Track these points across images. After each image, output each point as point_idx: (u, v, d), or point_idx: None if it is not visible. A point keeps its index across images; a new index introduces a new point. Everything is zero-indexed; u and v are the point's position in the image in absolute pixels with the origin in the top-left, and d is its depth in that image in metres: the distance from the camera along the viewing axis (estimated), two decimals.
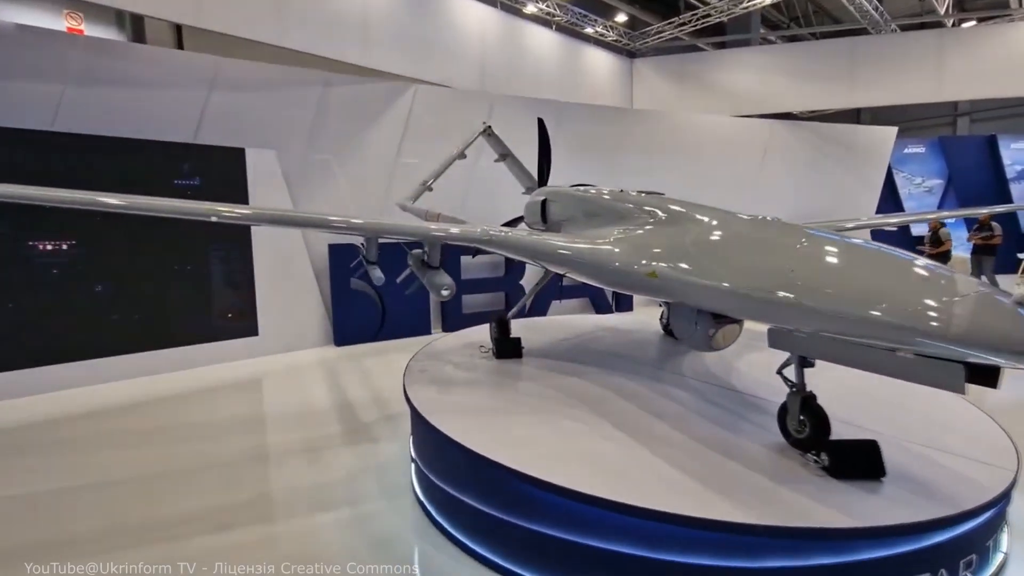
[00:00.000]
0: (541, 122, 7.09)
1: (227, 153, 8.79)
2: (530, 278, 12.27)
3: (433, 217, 6.65)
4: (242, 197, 8.81)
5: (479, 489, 3.29)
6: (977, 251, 13.12)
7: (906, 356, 2.53)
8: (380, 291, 10.32)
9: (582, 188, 5.69)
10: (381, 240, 5.36)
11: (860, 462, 2.97)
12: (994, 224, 12.64)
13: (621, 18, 15.72)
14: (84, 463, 5.05)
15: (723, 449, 3.28)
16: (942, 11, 17.59)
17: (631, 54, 16.99)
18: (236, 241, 8.91)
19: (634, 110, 14.36)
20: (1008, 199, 19.12)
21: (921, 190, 20.48)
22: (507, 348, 5.11)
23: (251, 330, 9.07)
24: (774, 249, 3.09)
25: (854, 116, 26.74)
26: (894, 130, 16.44)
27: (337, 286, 9.75)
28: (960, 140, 21.35)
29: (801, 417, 3.23)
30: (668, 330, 6.19)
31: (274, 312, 9.24)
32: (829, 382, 3.28)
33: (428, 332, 10.72)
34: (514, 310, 5.52)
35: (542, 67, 14.68)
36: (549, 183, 7.14)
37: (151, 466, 4.89)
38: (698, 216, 3.79)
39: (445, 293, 4.48)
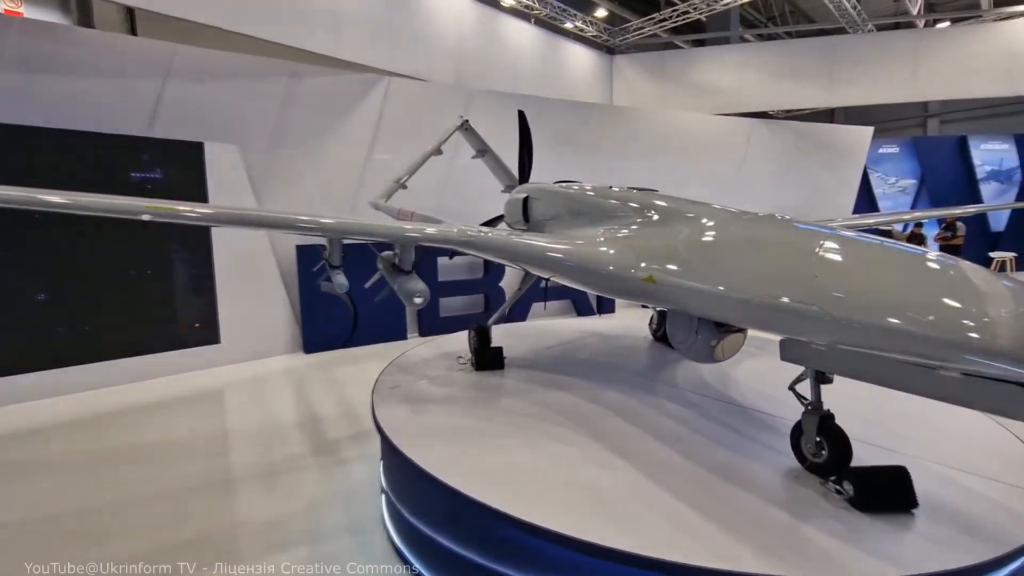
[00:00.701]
0: (522, 115, 6.68)
1: (184, 147, 8.16)
2: (511, 280, 11.87)
3: (407, 216, 6.19)
4: (201, 195, 8.20)
5: (459, 532, 2.87)
6: (941, 251, 13.23)
7: (951, 375, 2.19)
8: (352, 295, 9.88)
9: (565, 185, 5.31)
10: (347, 241, 4.87)
11: (888, 492, 2.64)
12: (959, 224, 12.72)
13: (601, 13, 15.44)
14: (8, 494, 4.46)
15: (733, 477, 2.92)
16: (915, 11, 17.77)
17: (611, 50, 16.72)
18: (195, 242, 8.29)
19: (615, 107, 14.09)
20: (978, 199, 19.46)
21: (895, 190, 20.73)
22: (487, 359, 4.69)
23: (212, 338, 8.46)
24: (793, 252, 2.73)
25: (828, 116, 27.06)
26: (870, 130, 16.51)
27: (306, 289, 9.20)
28: (932, 141, 21.68)
29: (818, 439, 2.90)
30: (658, 336, 5.86)
31: (237, 318, 8.65)
32: (841, 396, 2.95)
33: (404, 337, 10.24)
34: (495, 317, 5.10)
35: (520, 62, 14.28)
36: (530, 180, 6.74)
37: (87, 497, 4.34)
38: (701, 215, 3.42)
39: (418, 301, 4.03)
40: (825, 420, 2.91)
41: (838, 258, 2.57)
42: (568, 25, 15.02)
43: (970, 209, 13.07)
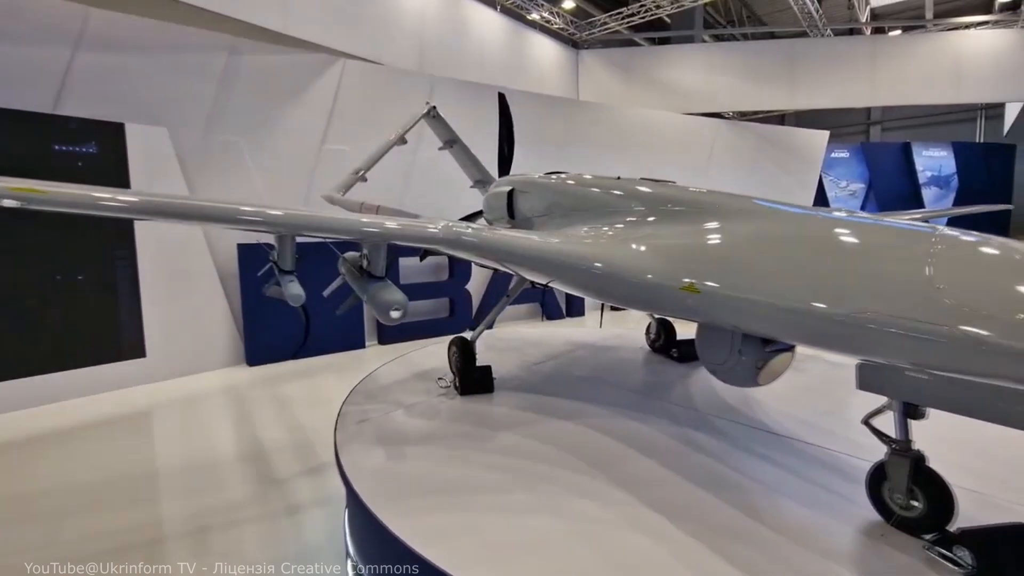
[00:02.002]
0: (503, 99, 5.97)
1: (99, 128, 6.97)
2: (479, 282, 11.12)
3: (370, 211, 5.35)
4: (122, 185, 7.03)
5: None
6: None
7: None
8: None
9: (555, 177, 4.64)
10: (303, 239, 4.00)
11: (1017, 558, 2.09)
12: None
13: (568, 4, 14.90)
14: None
15: (807, 538, 2.32)
16: (863, 18, 18.23)
17: (576, 45, 16.23)
18: (115, 238, 7.10)
19: (583, 102, 13.61)
20: (921, 203, 20.31)
21: (846, 193, 21.34)
22: (474, 381, 3.94)
23: (136, 350, 7.29)
24: (901, 255, 2.14)
25: (779, 120, 27.73)
26: (826, 134, 16.77)
27: (249, 293, 8.13)
28: (880, 147, 22.48)
29: (911, 487, 2.34)
30: (656, 347, 5.28)
31: (167, 327, 7.50)
32: (924, 431, 2.41)
33: (361, 345, 9.31)
34: (479, 329, 4.35)
35: (486, 51, 13.53)
36: (511, 172, 6.04)
37: None
38: (754, 210, 2.81)
39: (395, 315, 3.25)
40: (918, 464, 2.35)
41: (962, 263, 2.00)
42: (534, 16, 14.38)
43: (964, 211, 13.36)
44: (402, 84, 10.25)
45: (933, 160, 20.97)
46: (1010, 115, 20.59)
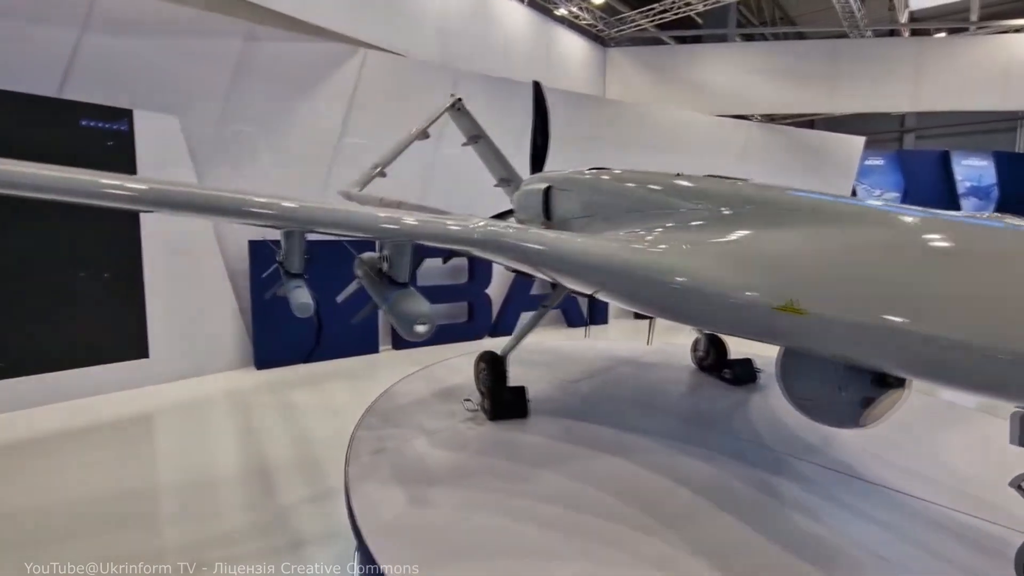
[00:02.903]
0: (538, 87, 5.46)
1: (107, 115, 6.57)
2: (499, 286, 10.63)
3: (391, 207, 4.88)
4: (128, 174, 6.62)
5: None
6: None
7: None
8: (316, 298, 8.41)
9: (599, 174, 4.11)
10: (315, 238, 3.51)
11: None
12: None
13: (597, 0, 14.36)
14: None
15: None
16: (903, 19, 17.43)
17: (604, 42, 15.68)
18: (118, 231, 6.71)
19: (612, 100, 13.07)
20: None
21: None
22: (506, 404, 3.42)
23: (139, 350, 6.88)
24: None
25: (808, 125, 26.87)
26: (862, 140, 16.03)
27: (259, 291, 7.70)
28: (916, 155, 21.61)
29: None
30: (705, 365, 4.72)
31: (172, 326, 7.09)
32: None
33: (375, 350, 8.84)
34: (511, 344, 3.82)
35: (511, 46, 13.04)
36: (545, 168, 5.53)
37: None
38: (877, 216, 2.28)
39: (421, 330, 2.74)
40: None
41: None
42: (562, 11, 13.88)
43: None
44: (425, 77, 9.79)
45: (973, 170, 20.09)
46: None
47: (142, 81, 7.06)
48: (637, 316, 13.46)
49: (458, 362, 4.61)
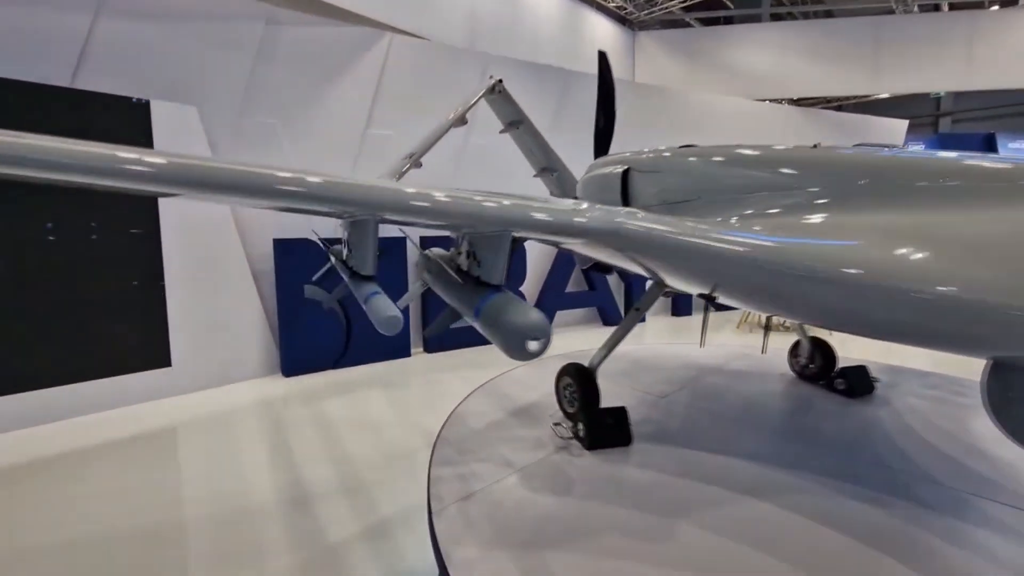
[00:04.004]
0: (603, 58, 4.83)
1: (123, 106, 6.09)
2: (533, 282, 10.07)
3: None
4: None
5: None
6: None
7: None
8: (343, 302, 7.92)
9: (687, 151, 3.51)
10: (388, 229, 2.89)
11: None
12: None
13: None
14: None
15: None
16: None
17: (633, 26, 14.99)
18: (138, 232, 6.23)
19: (644, 85, 12.39)
20: None
21: None
22: (606, 430, 2.83)
23: (160, 359, 6.42)
24: None
25: (836, 109, 25.84)
26: (905, 123, 15.18)
27: (285, 293, 7.22)
28: (960, 138, 20.60)
29: None
30: (806, 374, 4.09)
31: (195, 333, 6.62)
32: None
33: (407, 354, 8.32)
34: (601, 353, 3.22)
35: (540, 29, 12.42)
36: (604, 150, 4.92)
37: None
38: None
39: (535, 347, 2.13)
40: None
41: None
42: None
43: None
44: (454, 62, 9.21)
45: (1021, 153, 19.09)
46: None
47: (159, 69, 6.56)
48: (675, 314, 12.82)
49: (522, 374, 4.05)
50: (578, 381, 3.05)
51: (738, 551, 2.03)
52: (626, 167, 3.82)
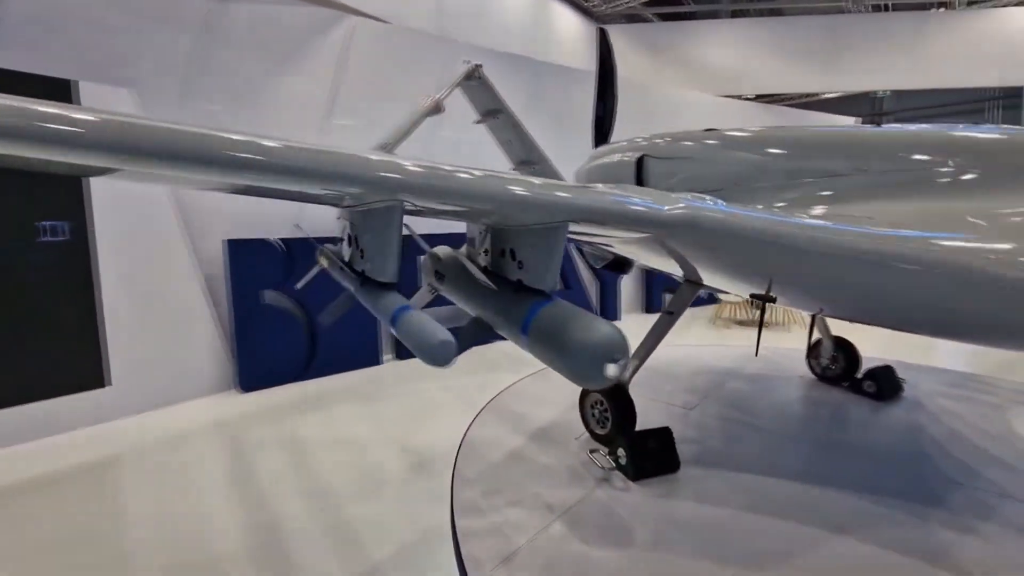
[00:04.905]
0: (604, 36, 4.44)
1: (43, 87, 5.24)
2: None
3: None
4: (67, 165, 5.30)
5: None
6: None
7: None
8: (306, 306, 7.24)
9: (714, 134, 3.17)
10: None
11: None
12: None
13: None
14: None
15: None
16: None
17: (599, 19, 14.77)
18: (63, 230, 5.40)
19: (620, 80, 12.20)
20: None
21: None
22: (652, 456, 2.43)
23: (95, 378, 5.61)
24: None
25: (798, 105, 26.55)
26: (857, 121, 15.68)
27: (241, 300, 6.50)
28: None
29: None
30: (829, 376, 3.84)
31: (136, 347, 5.84)
32: None
33: (376, 361, 7.72)
34: (633, 364, 2.81)
35: (507, 19, 11.98)
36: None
37: None
38: None
39: (614, 371, 1.68)
40: None
41: None
42: None
43: None
44: (422, 49, 8.65)
45: None
46: None
47: (87, 46, 5.72)
48: (648, 310, 12.67)
49: (527, 388, 3.61)
50: (610, 398, 2.64)
51: None
52: (641, 154, 3.45)
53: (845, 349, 3.79)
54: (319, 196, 1.86)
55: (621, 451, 2.40)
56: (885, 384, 3.56)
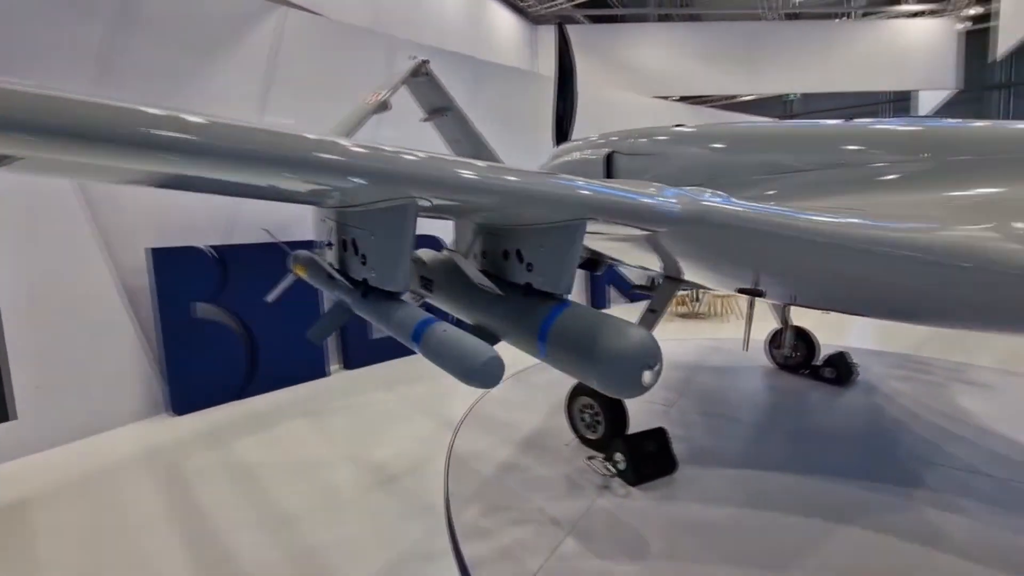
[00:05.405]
0: (563, 32, 4.37)
1: None
2: None
3: None
4: None
5: None
6: None
7: None
8: (242, 318, 6.71)
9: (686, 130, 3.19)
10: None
11: None
12: None
13: None
14: None
15: None
16: (796, 1, 18.28)
17: (535, 20, 14.83)
18: None
19: (548, 78, 12.25)
20: None
21: None
22: (650, 460, 2.38)
23: None
24: None
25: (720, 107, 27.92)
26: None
27: (169, 316, 5.93)
28: None
29: None
30: (789, 364, 3.98)
31: (46, 373, 5.18)
32: None
33: (323, 373, 7.31)
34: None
35: (444, 17, 11.73)
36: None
37: None
38: None
39: (650, 378, 1.61)
40: None
41: None
42: None
43: None
44: (360, 43, 8.31)
45: None
46: (925, 106, 21.83)
47: None
48: (593, 305, 12.87)
49: (504, 395, 3.49)
50: (601, 402, 2.57)
51: None
52: (610, 151, 3.42)
53: (804, 338, 3.95)
54: (303, 194, 1.65)
55: (619, 456, 2.34)
56: (843, 370, 3.73)
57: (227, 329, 6.44)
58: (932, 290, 1.82)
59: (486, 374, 1.53)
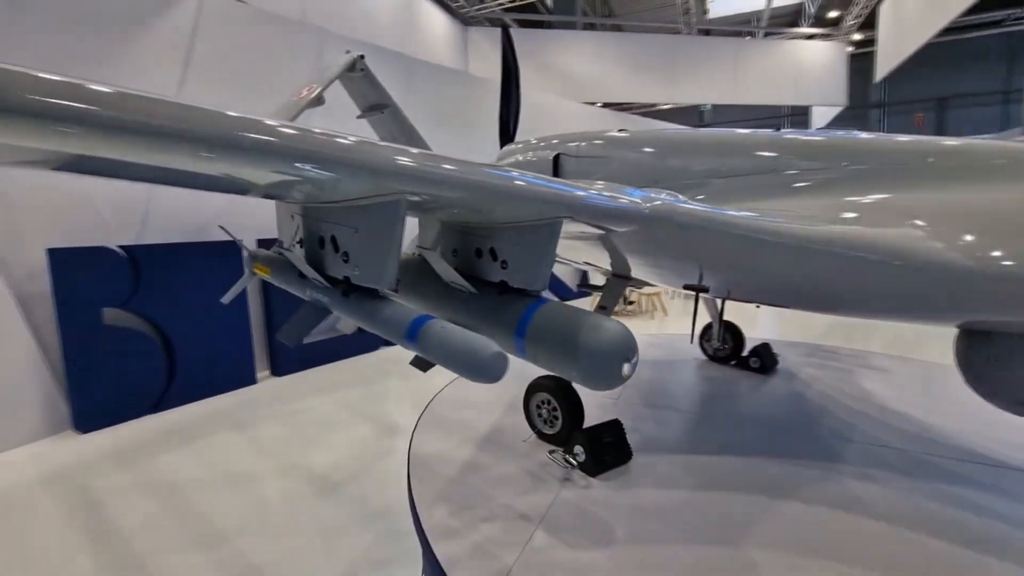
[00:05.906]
0: (507, 34, 4.42)
1: None
2: None
3: None
4: None
5: None
6: None
7: None
8: (159, 325, 6.19)
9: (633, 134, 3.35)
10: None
11: None
12: None
13: None
14: None
15: None
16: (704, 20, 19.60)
17: (466, 21, 14.77)
18: None
19: (481, 78, 12.25)
20: None
21: None
22: (610, 450, 2.48)
23: None
24: None
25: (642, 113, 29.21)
26: None
27: (71, 323, 5.37)
28: None
29: None
30: (719, 356, 4.26)
31: None
32: None
33: (251, 380, 6.91)
34: None
35: (375, 13, 11.39)
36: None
37: None
38: None
39: (629, 370, 1.68)
40: None
41: None
42: None
43: None
44: (286, 35, 7.92)
45: None
46: (818, 121, 24.03)
47: None
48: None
49: (456, 395, 3.48)
50: (559, 397, 2.64)
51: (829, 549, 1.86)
52: (556, 152, 3.51)
53: (732, 331, 4.26)
54: (276, 188, 1.57)
55: (578, 448, 2.42)
56: (767, 360, 4.06)
57: (140, 336, 5.93)
58: (848, 282, 2.06)
59: (493, 368, 1.54)
